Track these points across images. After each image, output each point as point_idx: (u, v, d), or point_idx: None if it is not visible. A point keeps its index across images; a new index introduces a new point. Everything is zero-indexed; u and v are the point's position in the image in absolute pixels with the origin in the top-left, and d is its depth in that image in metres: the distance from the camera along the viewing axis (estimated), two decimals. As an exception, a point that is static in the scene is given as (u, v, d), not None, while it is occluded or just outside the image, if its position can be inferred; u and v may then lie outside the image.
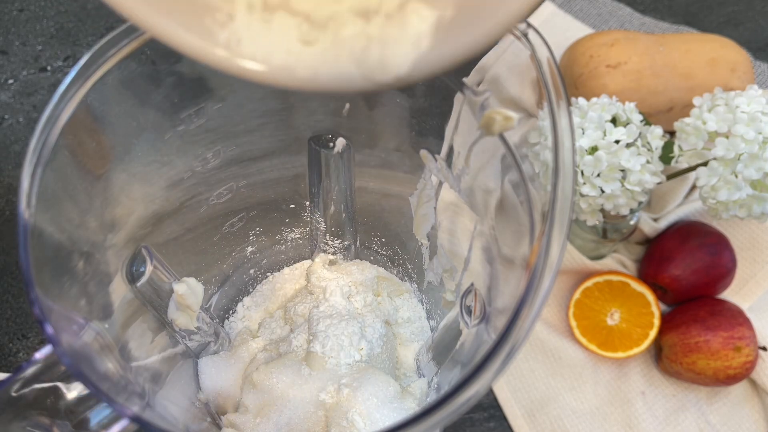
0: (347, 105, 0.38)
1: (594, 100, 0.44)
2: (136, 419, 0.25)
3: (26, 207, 0.26)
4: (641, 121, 0.43)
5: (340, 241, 0.48)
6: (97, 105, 0.29)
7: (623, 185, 0.42)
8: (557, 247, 0.24)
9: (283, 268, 0.52)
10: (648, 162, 0.42)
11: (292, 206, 0.47)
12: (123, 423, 0.26)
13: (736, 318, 0.48)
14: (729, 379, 0.47)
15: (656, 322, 0.50)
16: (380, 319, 0.46)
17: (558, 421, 0.50)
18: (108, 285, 0.33)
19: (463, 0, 0.19)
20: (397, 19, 0.19)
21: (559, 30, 0.63)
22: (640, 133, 0.43)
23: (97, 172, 0.32)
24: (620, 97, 0.51)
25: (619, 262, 0.54)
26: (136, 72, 0.29)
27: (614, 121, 0.43)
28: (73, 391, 0.26)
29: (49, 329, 0.24)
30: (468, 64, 0.33)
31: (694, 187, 0.54)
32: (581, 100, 0.44)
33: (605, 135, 0.42)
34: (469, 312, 0.36)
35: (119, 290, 0.35)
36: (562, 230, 0.24)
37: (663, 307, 0.52)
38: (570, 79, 0.54)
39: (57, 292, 0.27)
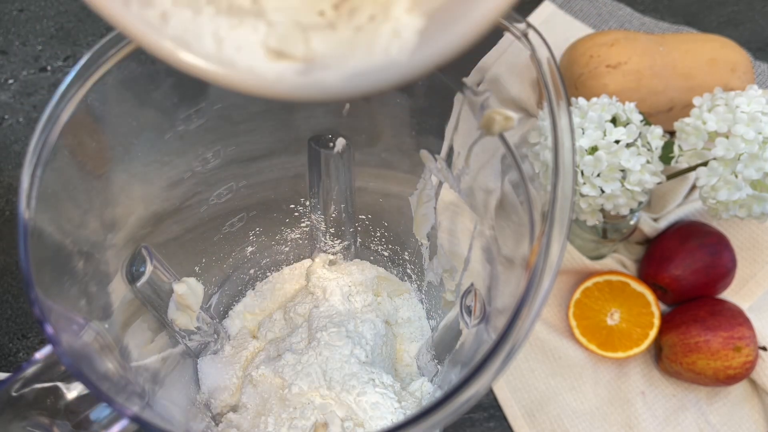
0: (347, 105, 0.38)
1: (594, 100, 0.44)
2: (136, 419, 0.25)
3: (26, 207, 0.26)
4: (641, 121, 0.43)
5: (340, 241, 0.48)
6: (97, 105, 0.29)
7: (623, 185, 0.42)
8: (557, 247, 0.24)
9: (283, 268, 0.52)
10: (648, 162, 0.42)
11: (292, 206, 0.47)
12: (123, 423, 0.26)
13: (736, 318, 0.48)
14: (729, 379, 0.47)
15: (656, 322, 0.50)
16: (380, 319, 0.46)
17: (558, 421, 0.50)
18: (108, 285, 0.33)
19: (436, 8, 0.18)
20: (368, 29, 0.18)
21: (559, 30, 0.63)
22: (640, 133, 0.43)
23: (97, 172, 0.32)
24: (620, 97, 0.51)
25: (619, 262, 0.54)
26: (136, 72, 0.29)
27: (614, 121, 0.43)
28: (73, 391, 0.26)
29: (49, 329, 0.24)
30: (468, 64, 0.33)
31: (694, 187, 0.54)
32: (581, 100, 0.44)
33: (605, 135, 0.42)
34: (469, 312, 0.36)
35: (119, 290, 0.34)
36: (562, 230, 0.24)
37: (663, 307, 0.52)
38: (570, 79, 0.54)
39: (57, 292, 0.27)
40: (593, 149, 0.42)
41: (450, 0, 0.18)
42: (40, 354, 0.25)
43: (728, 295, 0.52)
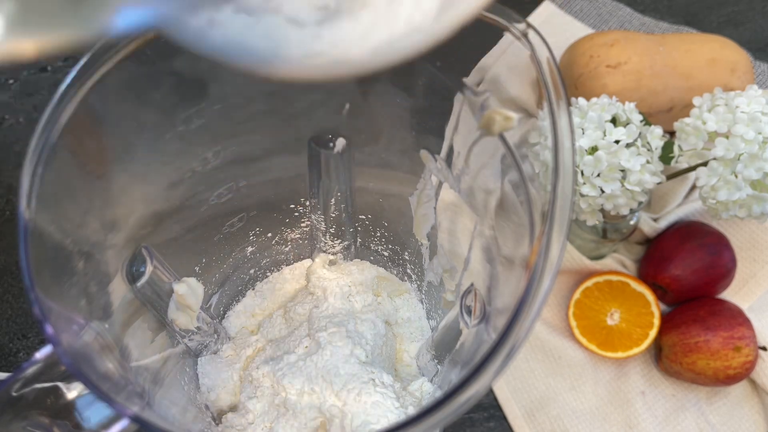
0: (347, 105, 0.38)
1: (594, 100, 0.44)
2: (136, 419, 0.25)
3: (26, 207, 0.26)
4: (641, 121, 0.43)
5: (340, 241, 0.48)
6: (97, 105, 0.29)
7: (623, 185, 0.42)
8: (557, 247, 0.24)
9: (283, 268, 0.52)
10: (648, 162, 0.42)
11: (292, 206, 0.47)
12: (123, 423, 0.26)
13: (736, 318, 0.48)
14: (729, 379, 0.47)
15: (656, 322, 0.50)
16: (380, 319, 0.46)
17: (558, 421, 0.50)
18: (108, 285, 0.33)
19: None
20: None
21: (559, 30, 0.63)
22: (640, 133, 0.43)
23: (97, 172, 0.32)
24: (620, 97, 0.51)
25: (619, 262, 0.54)
26: (136, 72, 0.29)
27: (614, 121, 0.43)
28: (73, 391, 0.26)
29: (49, 329, 0.24)
30: (468, 64, 0.33)
31: (694, 187, 0.54)
32: (581, 100, 0.44)
33: (605, 135, 0.42)
34: (469, 312, 0.36)
35: (119, 290, 0.34)
36: (562, 230, 0.24)
37: (663, 307, 0.52)
38: (570, 80, 0.54)
39: (57, 292, 0.27)
40: (593, 149, 0.42)
41: None
42: (40, 354, 0.25)
43: (728, 295, 0.52)
